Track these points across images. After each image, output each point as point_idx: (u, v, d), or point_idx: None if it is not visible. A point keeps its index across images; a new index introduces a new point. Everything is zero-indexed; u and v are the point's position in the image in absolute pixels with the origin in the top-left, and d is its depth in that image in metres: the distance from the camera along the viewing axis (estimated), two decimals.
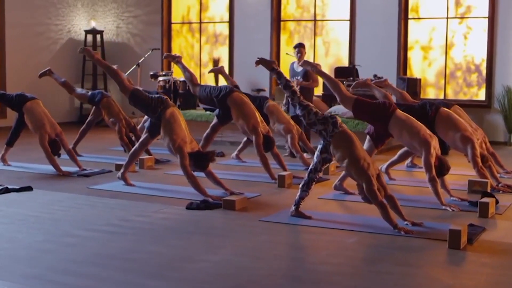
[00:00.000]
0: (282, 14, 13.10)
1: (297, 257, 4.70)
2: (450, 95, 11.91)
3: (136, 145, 7.33)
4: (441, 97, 11.89)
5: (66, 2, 14.10)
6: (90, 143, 10.29)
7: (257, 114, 7.96)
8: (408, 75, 11.92)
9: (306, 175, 5.74)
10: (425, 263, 4.50)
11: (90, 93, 9.36)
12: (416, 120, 6.49)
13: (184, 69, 8.13)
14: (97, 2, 14.58)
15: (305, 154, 8.77)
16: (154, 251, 4.68)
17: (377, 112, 6.42)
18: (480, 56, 11.61)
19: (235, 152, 9.14)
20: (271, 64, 6.19)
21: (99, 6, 14.58)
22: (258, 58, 6.33)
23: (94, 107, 9.37)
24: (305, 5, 12.97)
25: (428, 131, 6.37)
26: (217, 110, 8.39)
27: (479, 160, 6.90)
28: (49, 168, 8.08)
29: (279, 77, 5.97)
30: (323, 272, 4.27)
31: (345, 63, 12.40)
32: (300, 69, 9.53)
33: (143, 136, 7.20)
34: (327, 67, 12.29)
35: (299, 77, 9.54)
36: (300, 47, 9.60)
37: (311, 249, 5.01)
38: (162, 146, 9.61)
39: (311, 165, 5.75)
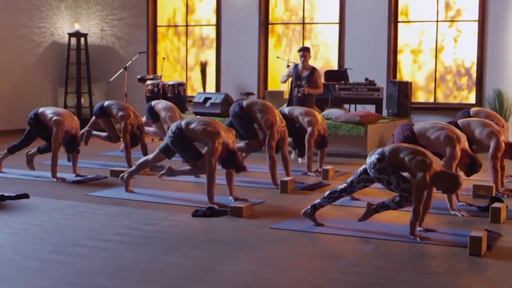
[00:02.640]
0: (270, 17, 12.97)
1: (318, 266, 4.58)
2: (440, 99, 11.89)
3: (150, 156, 7.06)
4: (431, 100, 11.88)
5: (49, 4, 13.83)
6: (81, 148, 10.04)
7: (278, 115, 7.71)
8: (398, 78, 11.88)
9: (339, 190, 5.51)
10: (450, 271, 4.42)
11: (93, 118, 9.17)
12: (440, 123, 6.51)
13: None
14: (81, 5, 14.33)
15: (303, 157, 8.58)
16: (171, 262, 4.52)
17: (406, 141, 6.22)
18: (470, 59, 11.60)
19: None
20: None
21: (82, 8, 14.33)
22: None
23: (93, 118, 9.15)
24: (293, 8, 12.87)
25: (455, 131, 6.31)
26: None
27: (497, 161, 6.84)
28: (44, 174, 7.88)
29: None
30: (349, 282, 4.17)
31: (335, 66, 12.32)
32: (305, 73, 9.44)
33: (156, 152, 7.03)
34: None
35: (303, 82, 9.44)
36: (304, 51, 9.51)
37: (330, 258, 4.89)
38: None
39: (346, 185, 5.48)
